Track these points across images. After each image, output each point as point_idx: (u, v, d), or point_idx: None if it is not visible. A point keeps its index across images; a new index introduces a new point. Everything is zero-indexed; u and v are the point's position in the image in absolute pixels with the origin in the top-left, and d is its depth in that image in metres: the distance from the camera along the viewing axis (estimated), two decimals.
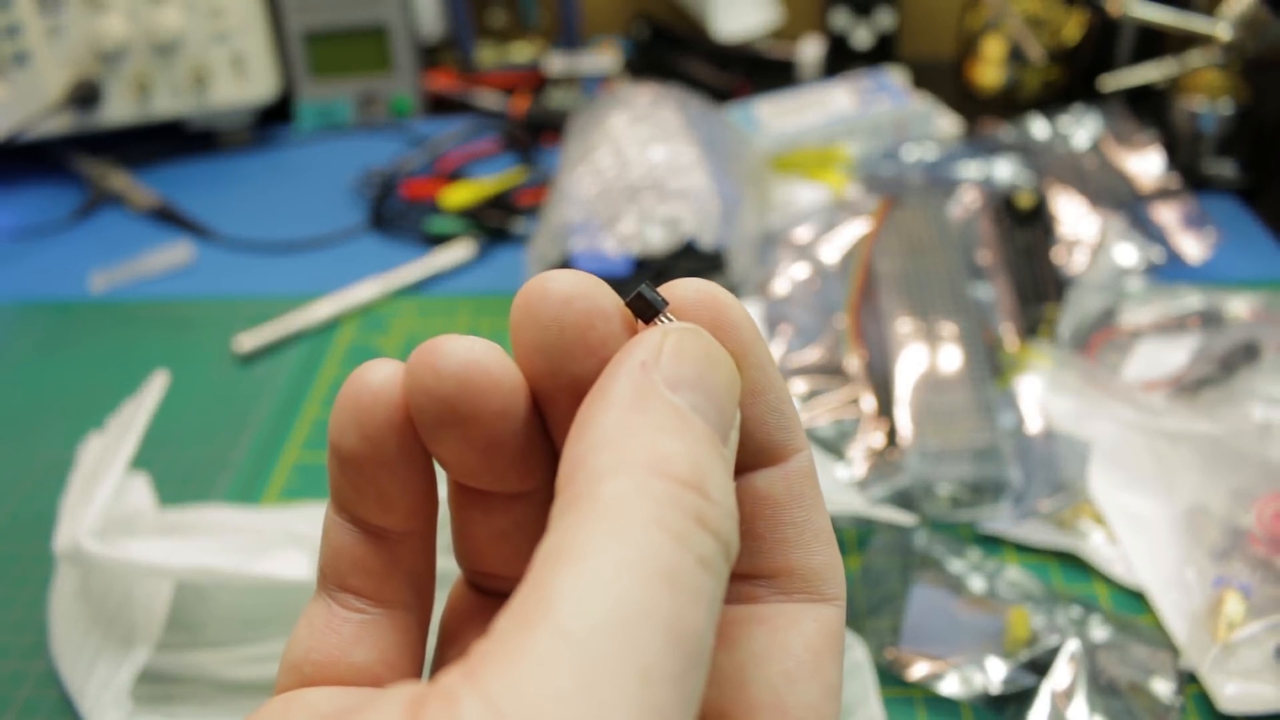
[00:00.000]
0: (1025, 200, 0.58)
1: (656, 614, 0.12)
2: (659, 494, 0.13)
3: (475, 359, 0.16)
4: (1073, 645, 0.37)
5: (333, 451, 0.17)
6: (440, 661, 0.19)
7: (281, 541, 0.35)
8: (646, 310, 0.16)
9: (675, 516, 0.13)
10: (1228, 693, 0.37)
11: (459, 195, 0.69)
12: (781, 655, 0.16)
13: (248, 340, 0.58)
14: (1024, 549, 0.43)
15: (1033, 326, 0.53)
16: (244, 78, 0.77)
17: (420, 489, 0.17)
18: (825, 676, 0.17)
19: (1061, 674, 0.37)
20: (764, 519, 0.17)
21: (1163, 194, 0.61)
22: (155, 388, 0.41)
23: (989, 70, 0.81)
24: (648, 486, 0.13)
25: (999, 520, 0.44)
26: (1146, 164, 0.63)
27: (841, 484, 0.39)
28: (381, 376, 0.16)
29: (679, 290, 0.16)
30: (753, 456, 0.17)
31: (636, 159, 0.60)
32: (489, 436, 0.16)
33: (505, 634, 0.12)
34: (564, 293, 0.16)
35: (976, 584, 0.40)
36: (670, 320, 0.16)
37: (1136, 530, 0.43)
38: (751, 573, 0.17)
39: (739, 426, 0.16)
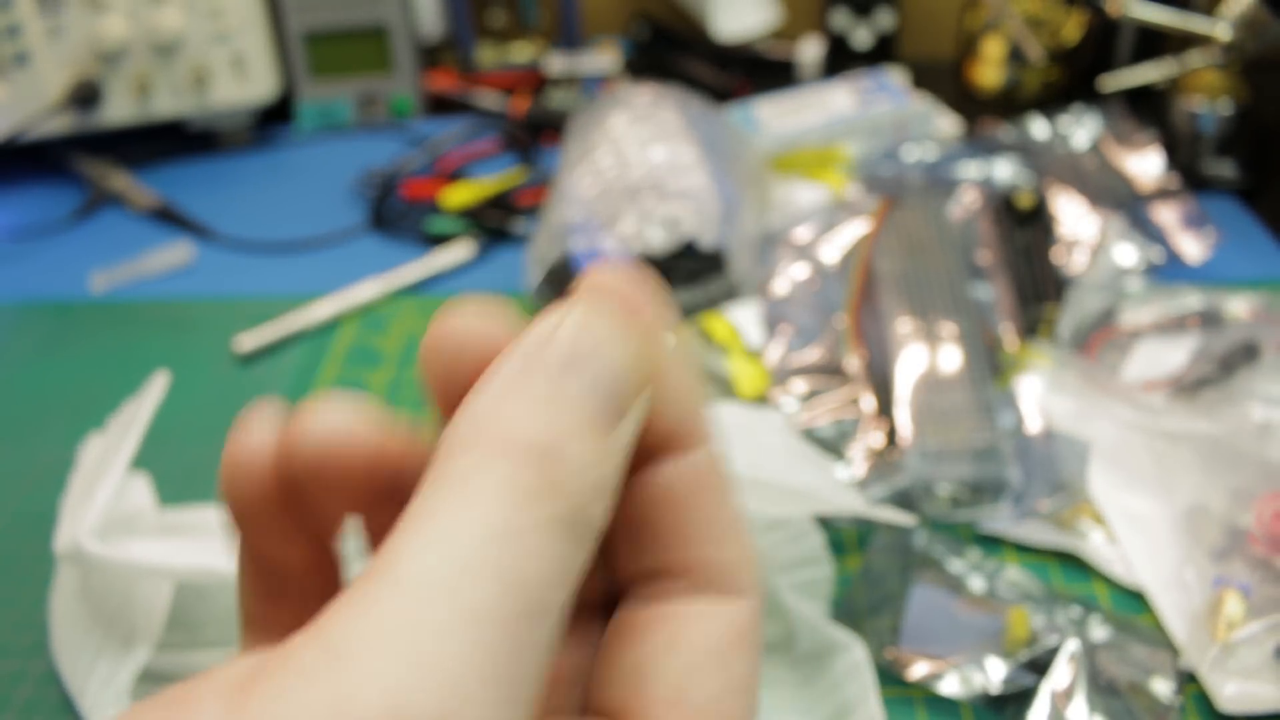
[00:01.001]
0: (1025, 200, 0.58)
1: (489, 563, 0.13)
2: (508, 463, 0.14)
3: (333, 428, 0.16)
4: (1072, 645, 0.37)
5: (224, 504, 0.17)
6: None
7: None
8: (559, 289, 0.16)
9: (518, 484, 0.14)
10: (1227, 693, 0.37)
11: (459, 195, 0.69)
12: (685, 650, 0.16)
13: (248, 340, 0.58)
14: (1024, 549, 0.43)
15: (1032, 326, 0.53)
16: (244, 78, 0.77)
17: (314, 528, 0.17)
18: (731, 672, 0.16)
19: (1061, 674, 0.37)
20: (668, 512, 0.16)
21: (1162, 194, 0.61)
22: (156, 388, 0.41)
23: (989, 70, 0.81)
24: (498, 457, 0.14)
25: (999, 520, 0.44)
26: (1146, 164, 0.63)
27: (841, 484, 0.39)
28: (256, 440, 0.17)
29: (594, 269, 0.17)
30: (655, 447, 0.16)
31: (636, 159, 0.60)
32: (364, 495, 0.16)
33: (350, 596, 0.13)
34: (456, 341, 0.16)
35: (976, 584, 0.40)
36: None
37: (1136, 530, 0.43)
38: (660, 569, 0.17)
39: (641, 409, 0.16)
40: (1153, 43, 0.77)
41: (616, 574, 0.17)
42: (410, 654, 0.12)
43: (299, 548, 0.17)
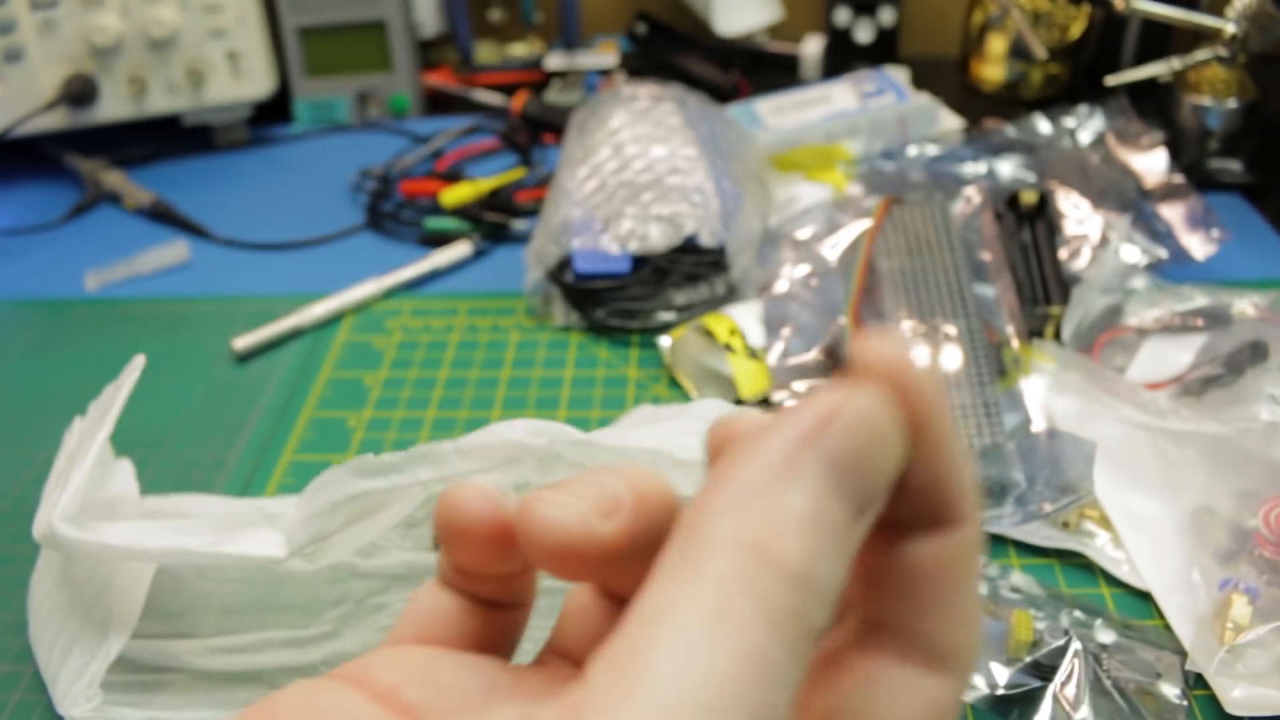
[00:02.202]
0: (1029, 198, 0.58)
1: (744, 698, 0.13)
2: (765, 581, 0.14)
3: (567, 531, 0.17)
4: (1077, 648, 0.37)
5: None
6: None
7: (255, 521, 0.34)
8: (835, 364, 0.16)
9: (775, 606, 0.14)
10: (1234, 696, 0.36)
11: (458, 194, 0.68)
12: (877, 715, 0.16)
13: (245, 339, 0.58)
14: (1027, 551, 0.43)
15: (1036, 326, 0.52)
16: (240, 75, 0.77)
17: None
18: None
19: (1066, 677, 0.36)
20: (912, 581, 0.16)
21: (1168, 192, 0.60)
22: (133, 370, 0.41)
23: (992, 67, 0.80)
24: (756, 572, 0.14)
25: (1002, 522, 0.43)
26: (1151, 161, 0.62)
27: None
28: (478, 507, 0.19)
29: (868, 347, 0.16)
30: (916, 519, 0.16)
31: (637, 157, 0.59)
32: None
33: (601, 689, 0.13)
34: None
35: (979, 586, 0.40)
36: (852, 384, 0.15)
37: (1142, 532, 0.42)
38: (880, 621, 0.16)
39: (884, 502, 0.15)
40: (1158, 38, 0.77)
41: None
42: None
43: (504, 563, 0.19)
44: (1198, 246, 0.58)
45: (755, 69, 0.84)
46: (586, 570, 0.18)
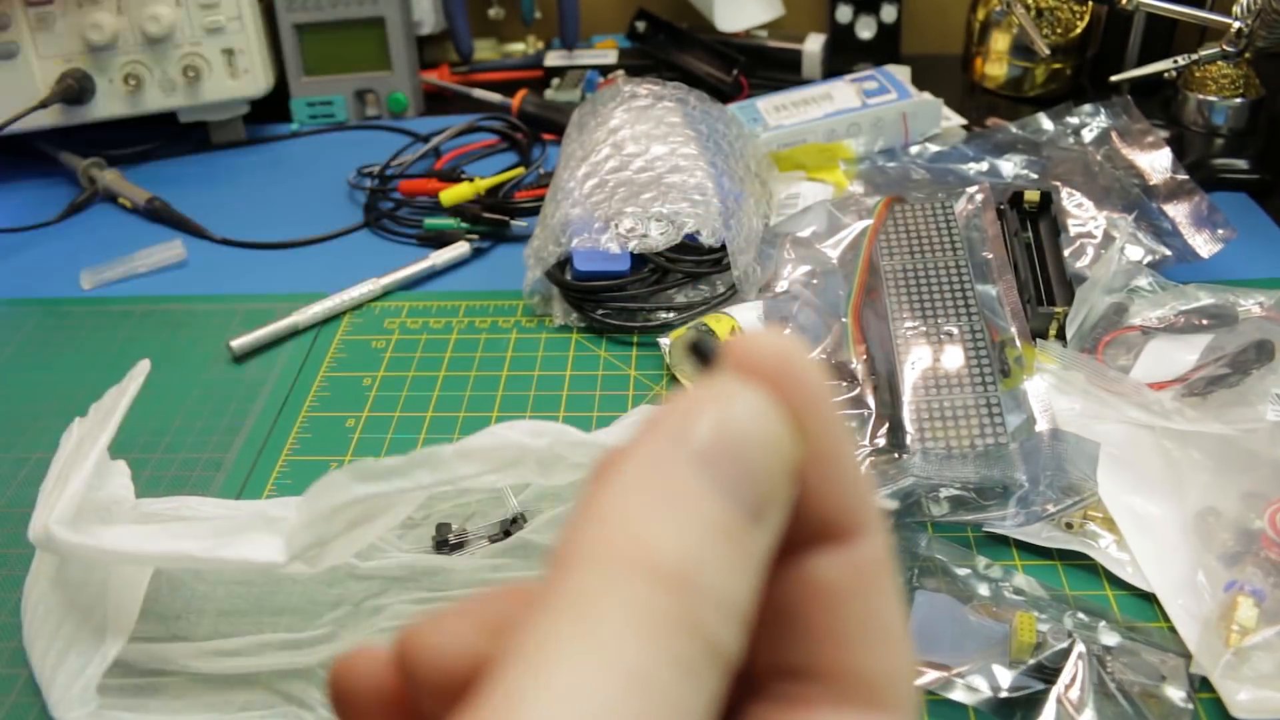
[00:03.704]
0: (1032, 197, 0.57)
1: None
2: (635, 592, 0.12)
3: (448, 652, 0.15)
4: (1081, 650, 0.36)
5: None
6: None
7: (254, 525, 0.34)
8: (703, 362, 0.14)
9: (654, 617, 0.12)
10: (1240, 699, 0.36)
11: (456, 193, 0.68)
12: None
13: (242, 339, 0.57)
14: (1030, 552, 0.43)
15: (1039, 326, 0.52)
16: (237, 72, 0.76)
17: None
18: None
19: (1070, 679, 0.36)
20: (818, 608, 0.14)
21: (1173, 190, 0.60)
22: (138, 375, 0.41)
23: (995, 65, 0.80)
24: (623, 581, 0.12)
25: (1005, 523, 0.43)
26: (1156, 159, 0.62)
27: None
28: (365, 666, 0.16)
29: (740, 343, 0.14)
30: (811, 534, 0.14)
31: (637, 156, 0.59)
32: None
33: None
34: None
35: (982, 588, 0.40)
36: (722, 378, 0.14)
37: (1146, 533, 0.42)
38: (803, 669, 0.14)
39: (785, 504, 0.14)
40: (1163, 35, 0.76)
41: (750, 661, 0.15)
42: None
43: None
44: (1203, 245, 0.57)
45: (756, 67, 0.84)
46: None
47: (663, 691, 0.12)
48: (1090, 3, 0.75)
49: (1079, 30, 0.76)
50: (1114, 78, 0.67)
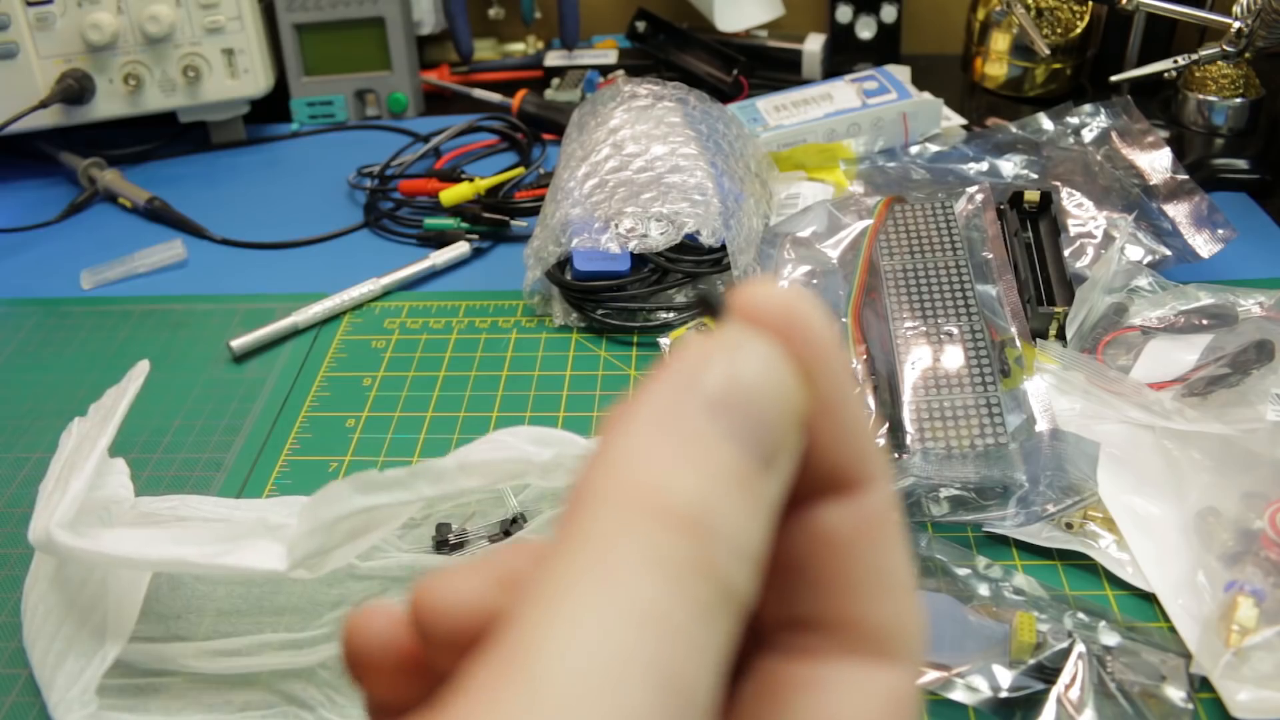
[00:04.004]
0: (1032, 197, 0.57)
1: (642, 662, 0.11)
2: (651, 534, 0.12)
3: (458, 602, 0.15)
4: (1081, 650, 0.36)
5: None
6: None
7: (256, 532, 0.34)
8: (710, 313, 0.15)
9: (669, 559, 0.12)
10: (1240, 699, 0.36)
11: (456, 193, 0.68)
12: None
13: (242, 339, 0.57)
14: (1031, 552, 0.42)
15: (1039, 326, 0.52)
16: (237, 72, 0.76)
17: None
18: None
19: (1070, 679, 0.36)
20: (826, 559, 0.14)
21: (1173, 190, 0.60)
22: (138, 376, 0.41)
23: (995, 65, 0.80)
24: (643, 520, 0.12)
25: (1005, 523, 0.43)
26: (1156, 159, 0.62)
27: None
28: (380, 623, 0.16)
29: (748, 293, 0.14)
30: (818, 485, 0.15)
31: (637, 156, 0.59)
32: None
33: (479, 685, 0.11)
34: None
35: (982, 588, 0.40)
36: (733, 326, 0.14)
37: (1146, 533, 0.42)
38: (811, 621, 0.15)
39: (794, 452, 0.14)
40: (1163, 35, 0.76)
41: (759, 615, 0.15)
42: None
43: (421, 691, 0.16)
44: (1203, 245, 0.57)
45: (756, 67, 0.84)
46: None
47: (679, 631, 0.12)
48: (1090, 3, 0.75)
49: (1079, 30, 0.76)
50: (1114, 78, 0.67)
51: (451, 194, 0.68)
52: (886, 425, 0.46)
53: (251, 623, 0.39)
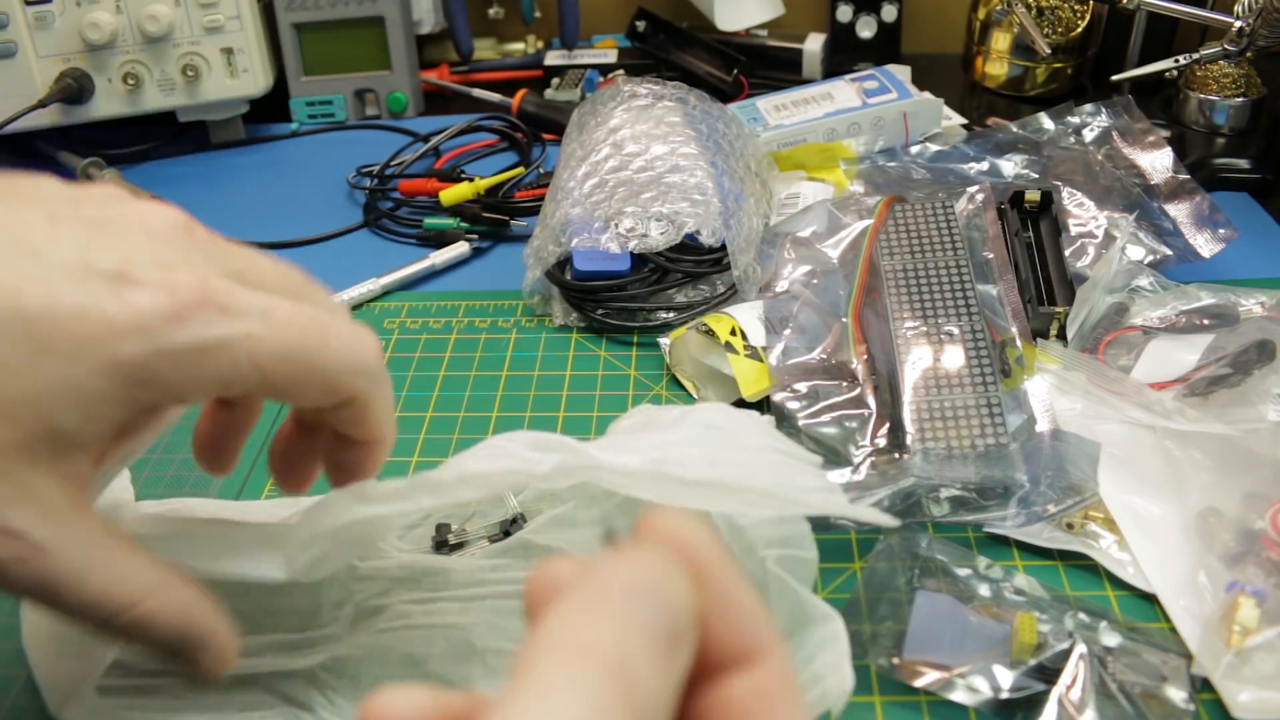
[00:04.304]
0: (1032, 197, 0.57)
1: None
2: (589, 674, 0.16)
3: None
4: (1082, 651, 0.36)
5: None
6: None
7: (255, 540, 0.34)
8: (613, 545, 0.19)
9: (601, 692, 0.15)
10: (1242, 700, 0.36)
11: (456, 192, 0.68)
12: None
13: None
14: (1031, 552, 0.42)
15: (1040, 326, 0.52)
16: (236, 71, 0.76)
17: None
18: None
19: (1071, 680, 0.36)
20: None
21: (1174, 190, 0.60)
22: None
23: (995, 64, 0.80)
24: (579, 667, 0.16)
25: (1006, 524, 0.43)
26: (1157, 159, 0.62)
27: (817, 485, 0.37)
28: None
29: (646, 524, 0.19)
30: (724, 661, 0.18)
31: (636, 155, 0.59)
32: None
33: None
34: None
35: (983, 589, 0.40)
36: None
37: (1147, 533, 0.42)
38: None
39: (695, 632, 0.18)
40: (1164, 35, 0.76)
41: None
42: None
43: None
44: (1204, 245, 0.57)
45: (756, 66, 0.84)
46: None
47: None
48: (1091, 2, 0.75)
49: (1080, 29, 0.76)
50: (1115, 77, 0.67)
51: (451, 194, 0.68)
52: (887, 425, 0.46)
53: (251, 623, 0.39)
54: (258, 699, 0.37)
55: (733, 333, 0.51)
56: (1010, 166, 0.64)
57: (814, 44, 0.84)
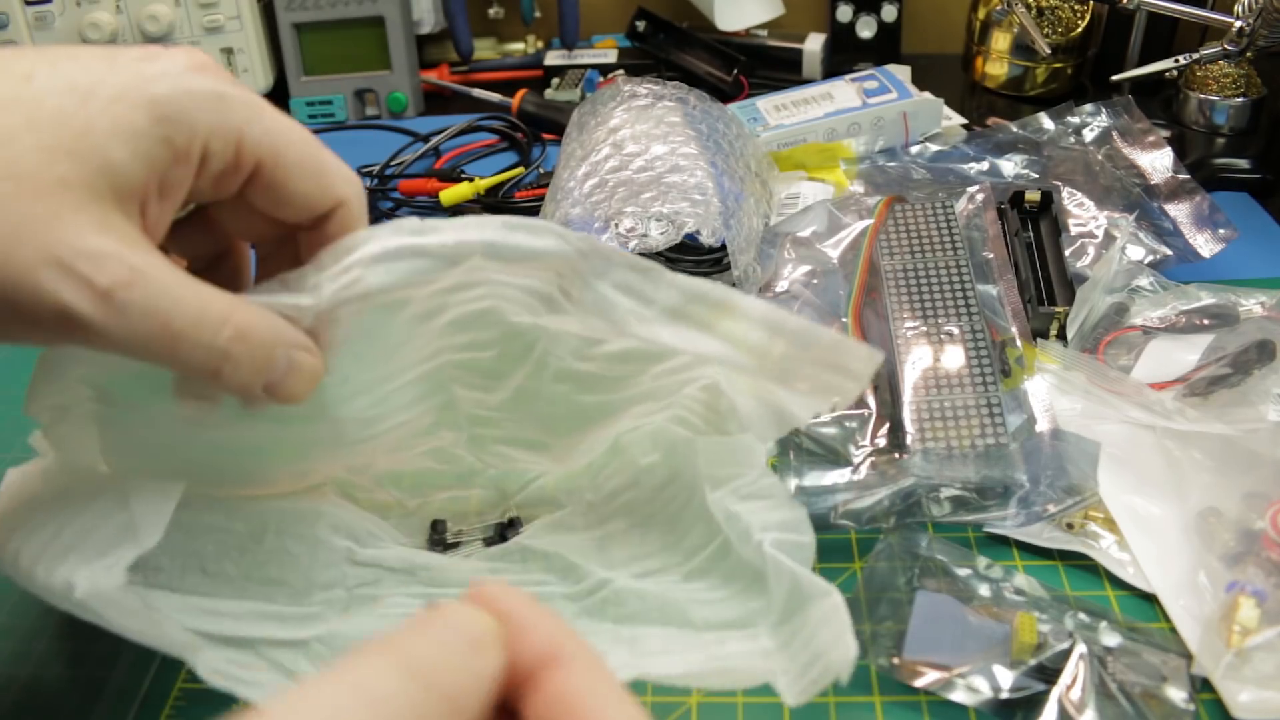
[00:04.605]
0: (1032, 197, 0.57)
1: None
2: (387, 659, 0.21)
3: None
4: (1082, 651, 0.36)
5: None
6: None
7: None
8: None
9: (391, 671, 0.21)
10: (1242, 700, 0.36)
11: (456, 192, 0.68)
12: None
13: None
14: (1031, 552, 0.42)
15: (1040, 326, 0.52)
16: (236, 71, 0.76)
17: None
18: None
19: (1071, 680, 0.36)
20: (556, 716, 0.22)
21: (1174, 190, 0.60)
22: None
23: (995, 64, 0.80)
24: (380, 656, 0.21)
25: (1006, 523, 0.43)
26: (1157, 159, 0.62)
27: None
28: None
29: (472, 591, 0.23)
30: (538, 667, 0.22)
31: (636, 155, 0.59)
32: None
33: None
34: None
35: (983, 589, 0.40)
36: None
37: (1147, 533, 0.42)
38: None
39: (494, 647, 0.22)
40: (1164, 34, 0.76)
41: None
42: None
43: None
44: (1204, 245, 0.57)
45: (756, 66, 0.84)
46: None
47: (389, 702, 0.20)
48: (1091, 2, 0.75)
49: (1080, 29, 0.76)
50: (1115, 77, 0.67)
51: (451, 194, 0.68)
52: (887, 425, 0.46)
53: (236, 589, 0.38)
54: (246, 659, 0.36)
55: None
56: (1010, 166, 0.64)
57: (814, 44, 0.84)
